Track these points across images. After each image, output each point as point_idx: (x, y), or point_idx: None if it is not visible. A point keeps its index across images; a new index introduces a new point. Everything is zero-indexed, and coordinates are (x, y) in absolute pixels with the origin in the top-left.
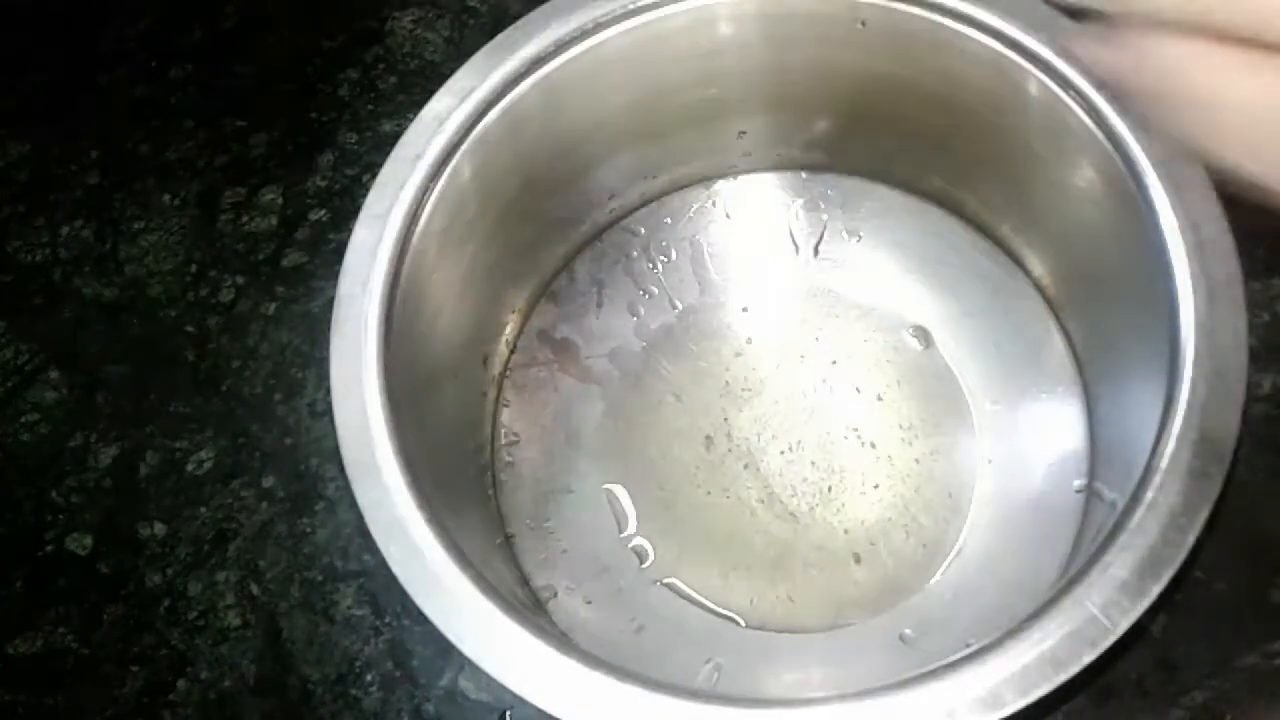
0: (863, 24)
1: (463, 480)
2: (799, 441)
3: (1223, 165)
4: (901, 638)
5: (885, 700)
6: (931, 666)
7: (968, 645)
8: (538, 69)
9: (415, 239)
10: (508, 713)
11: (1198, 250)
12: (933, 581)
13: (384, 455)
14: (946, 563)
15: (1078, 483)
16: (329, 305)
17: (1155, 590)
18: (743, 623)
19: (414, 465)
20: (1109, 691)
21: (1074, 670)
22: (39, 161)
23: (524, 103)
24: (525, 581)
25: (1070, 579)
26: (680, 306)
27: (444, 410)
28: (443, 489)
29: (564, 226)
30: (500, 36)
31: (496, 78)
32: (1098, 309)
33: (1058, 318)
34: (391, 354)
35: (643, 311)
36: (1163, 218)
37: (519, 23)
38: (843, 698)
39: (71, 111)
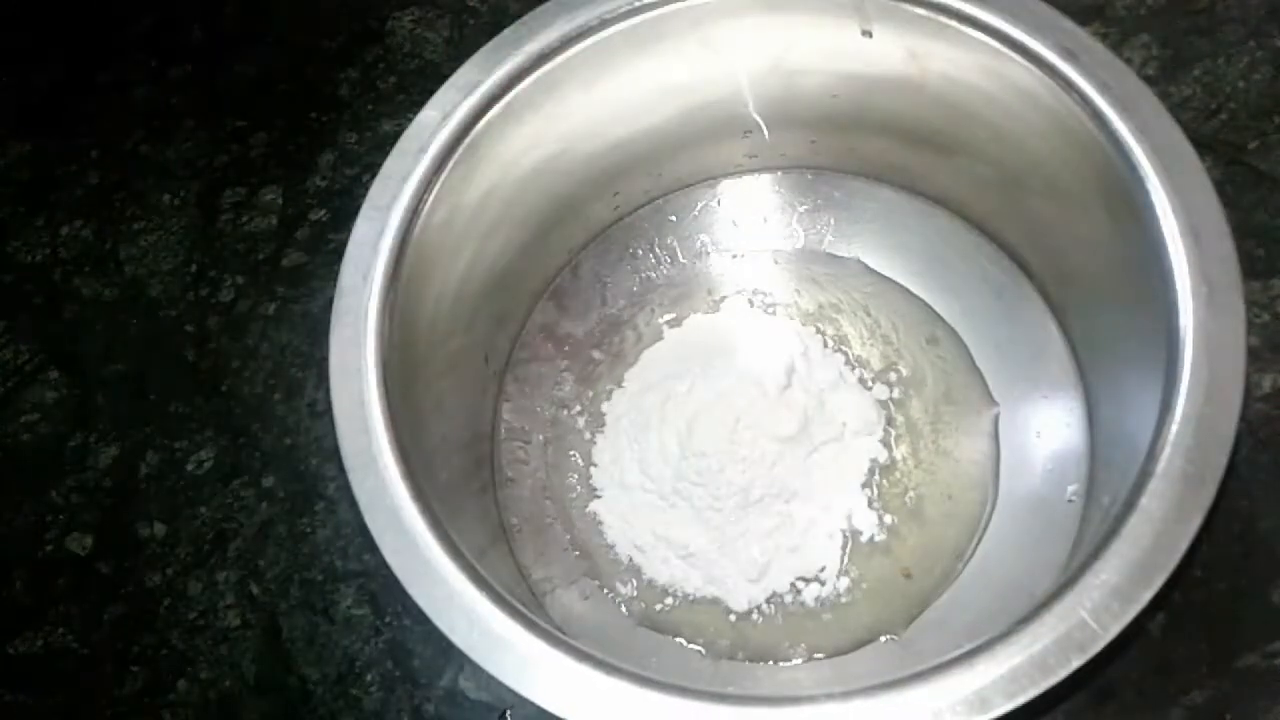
0: (869, 35)
1: (462, 473)
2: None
3: None
4: (897, 638)
5: (873, 700)
6: (920, 668)
7: (958, 647)
8: (541, 66)
9: (417, 232)
10: (507, 712)
11: (1198, 253)
12: (930, 583)
13: (381, 447)
14: (945, 564)
15: (1071, 488)
16: (329, 305)
17: (1146, 597)
18: (738, 617)
19: (411, 457)
20: (1109, 691)
21: (1062, 675)
22: (39, 161)
23: (527, 99)
24: (523, 575)
25: (1062, 583)
26: (684, 305)
27: (444, 404)
28: (441, 482)
29: (567, 223)
30: (506, 32)
31: (500, 74)
32: (1099, 311)
33: (1059, 320)
34: (391, 346)
35: (646, 309)
36: (1163, 220)
37: (523, 19)
38: (830, 697)
39: (71, 111)
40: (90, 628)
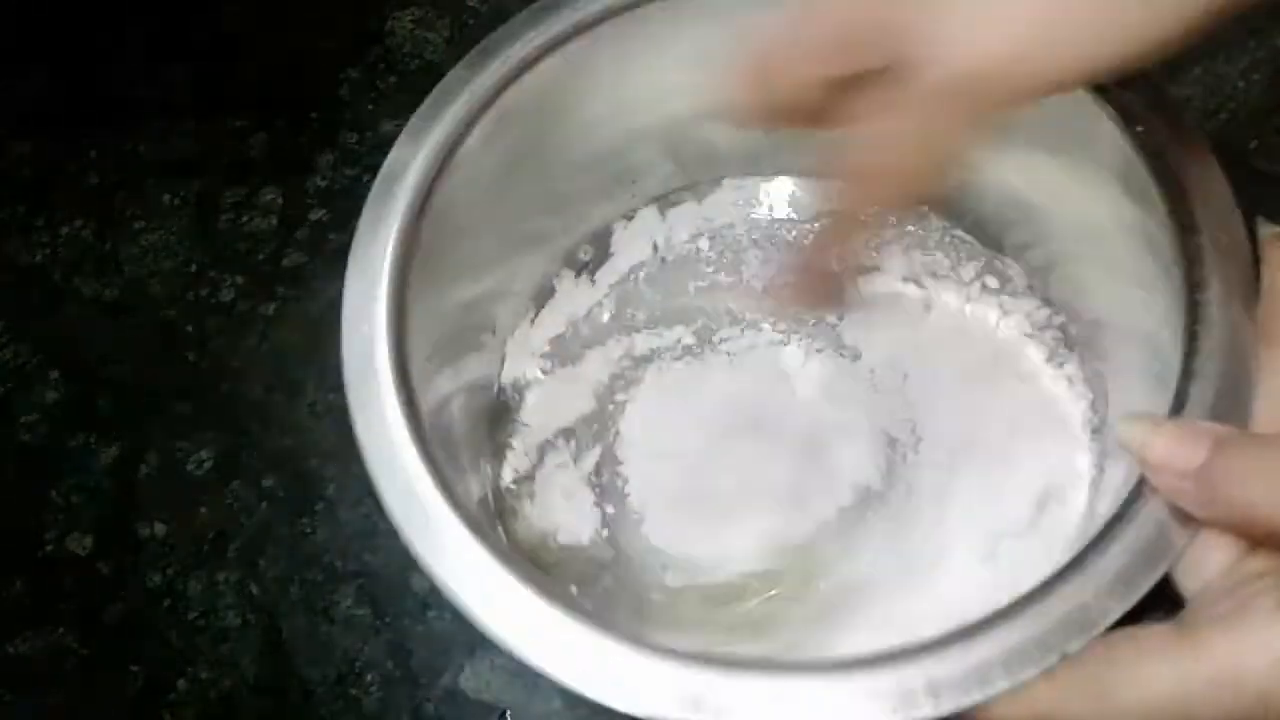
0: None
1: (470, 442)
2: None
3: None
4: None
5: (870, 671)
6: (919, 641)
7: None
8: (540, 64)
9: (426, 216)
10: (507, 712)
11: (1216, 255)
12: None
13: (391, 407)
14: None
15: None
16: (329, 305)
17: (1148, 584)
18: (739, 600)
19: (419, 411)
20: None
21: (1058, 657)
22: (39, 161)
23: (528, 97)
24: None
25: (1064, 568)
26: (693, 305)
27: (458, 368)
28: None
29: (579, 216)
30: (503, 29)
31: (495, 72)
32: (1108, 313)
33: (1065, 323)
34: (407, 310)
35: (646, 306)
36: (1177, 220)
37: (533, 7)
38: (826, 667)
39: (71, 111)
40: (90, 628)
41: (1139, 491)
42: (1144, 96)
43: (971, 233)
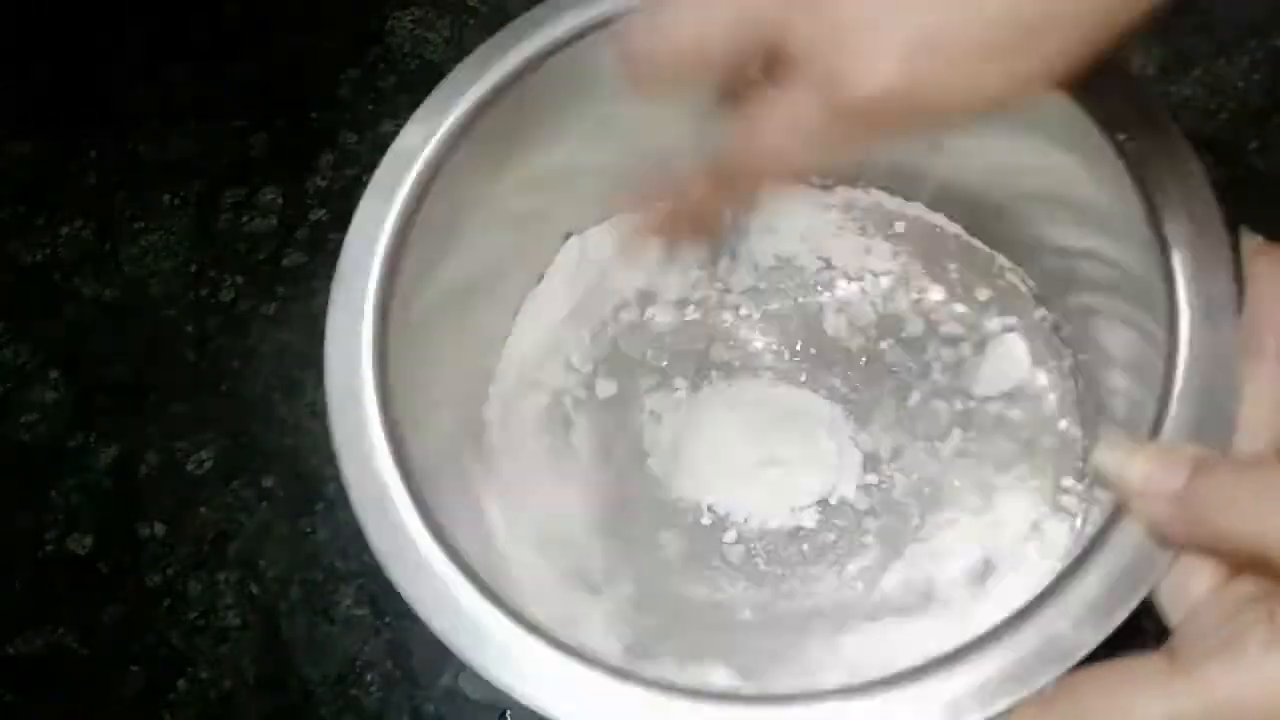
0: None
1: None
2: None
3: None
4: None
5: (838, 703)
6: (891, 673)
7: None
8: (539, 64)
9: (419, 221)
10: (507, 713)
11: (1198, 268)
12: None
13: (374, 427)
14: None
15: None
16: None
17: (1125, 613)
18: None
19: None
20: None
21: (1038, 685)
22: (39, 161)
23: (528, 94)
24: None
25: (1038, 597)
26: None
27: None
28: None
29: (576, 223)
30: (507, 29)
31: (497, 73)
32: (1096, 328)
33: (1058, 332)
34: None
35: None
36: (1159, 233)
37: (533, 10)
38: (800, 698)
39: (71, 111)
40: (90, 628)
41: (1116, 517)
42: (1130, 103)
43: (971, 234)
